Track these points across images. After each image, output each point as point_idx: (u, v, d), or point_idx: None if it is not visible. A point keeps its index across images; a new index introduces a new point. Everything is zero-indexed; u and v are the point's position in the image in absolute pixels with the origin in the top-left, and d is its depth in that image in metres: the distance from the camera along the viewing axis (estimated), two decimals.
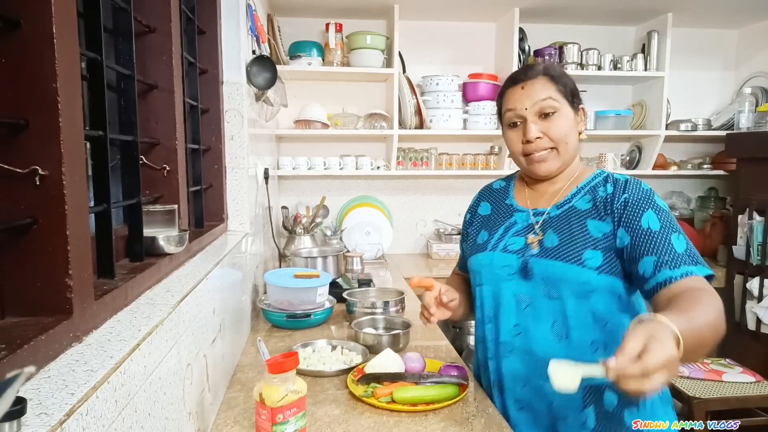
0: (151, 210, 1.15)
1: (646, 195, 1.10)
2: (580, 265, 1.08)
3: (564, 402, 1.10)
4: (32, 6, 0.64)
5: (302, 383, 1.01)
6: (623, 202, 1.09)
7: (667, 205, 1.10)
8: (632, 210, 1.08)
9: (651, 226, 1.06)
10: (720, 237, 3.02)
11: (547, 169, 1.17)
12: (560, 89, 1.15)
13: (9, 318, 0.67)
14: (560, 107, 1.14)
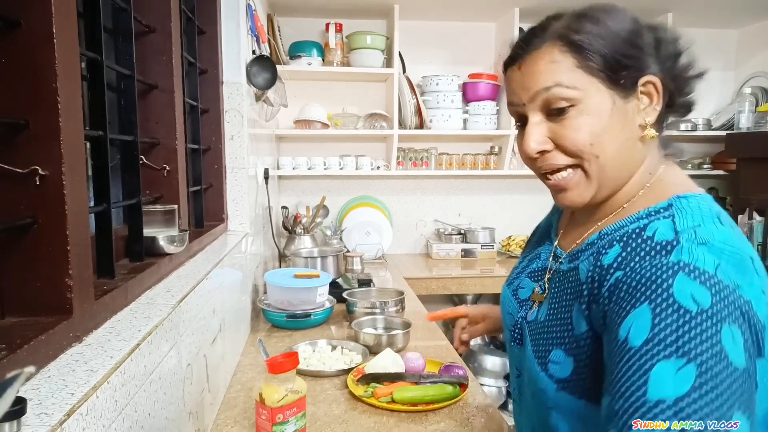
0: (151, 210, 1.15)
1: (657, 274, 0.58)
2: (542, 367, 0.72)
3: None
4: (32, 6, 0.64)
5: (302, 383, 1.01)
6: (612, 285, 0.63)
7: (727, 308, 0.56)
8: (620, 303, 0.61)
9: (630, 335, 0.57)
10: None
11: (570, 200, 0.73)
12: (584, 62, 0.67)
13: (9, 318, 0.67)
14: (582, 97, 0.68)
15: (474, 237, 3.05)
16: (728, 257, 0.59)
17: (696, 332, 0.53)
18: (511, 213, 3.31)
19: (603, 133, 0.68)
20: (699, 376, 0.52)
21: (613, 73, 0.68)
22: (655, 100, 0.70)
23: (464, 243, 3.06)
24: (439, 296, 3.02)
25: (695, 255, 0.58)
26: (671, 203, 0.68)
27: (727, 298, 0.55)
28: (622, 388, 0.55)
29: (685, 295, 0.55)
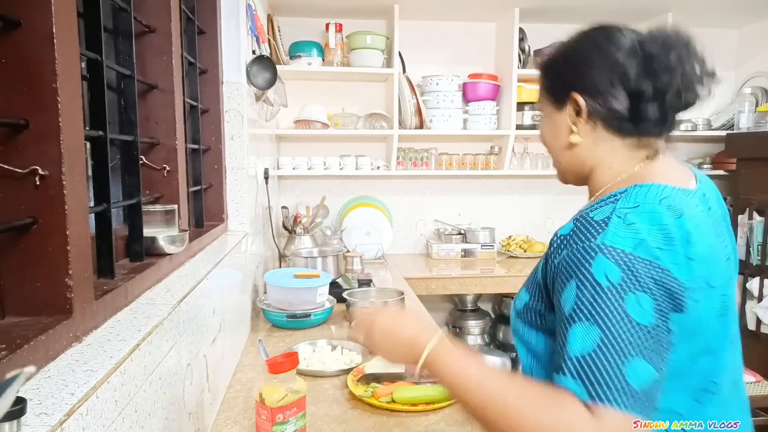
0: (151, 210, 1.15)
1: (578, 256, 0.72)
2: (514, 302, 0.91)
3: None
4: (32, 6, 0.64)
5: (302, 383, 1.01)
6: (560, 260, 0.75)
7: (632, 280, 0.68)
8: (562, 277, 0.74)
9: (563, 302, 0.72)
10: None
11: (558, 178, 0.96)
12: (544, 85, 0.89)
13: (9, 318, 0.67)
14: (543, 108, 0.90)
15: (474, 237, 3.05)
16: (654, 234, 0.70)
17: (604, 302, 0.67)
18: (511, 213, 3.31)
19: (549, 136, 0.90)
20: (602, 335, 0.66)
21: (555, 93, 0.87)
22: (579, 116, 0.84)
23: (464, 243, 3.06)
24: (439, 296, 3.02)
25: (616, 237, 0.70)
26: (626, 190, 0.78)
27: (638, 271, 0.68)
28: (557, 346, 0.71)
29: (600, 273, 0.69)
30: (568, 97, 0.84)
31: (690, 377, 0.75)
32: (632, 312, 0.67)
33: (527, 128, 2.97)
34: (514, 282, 2.69)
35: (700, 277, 0.72)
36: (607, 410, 0.63)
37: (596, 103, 0.81)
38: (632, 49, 0.82)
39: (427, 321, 0.90)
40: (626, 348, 0.66)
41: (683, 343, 0.72)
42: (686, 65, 0.84)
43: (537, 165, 3.13)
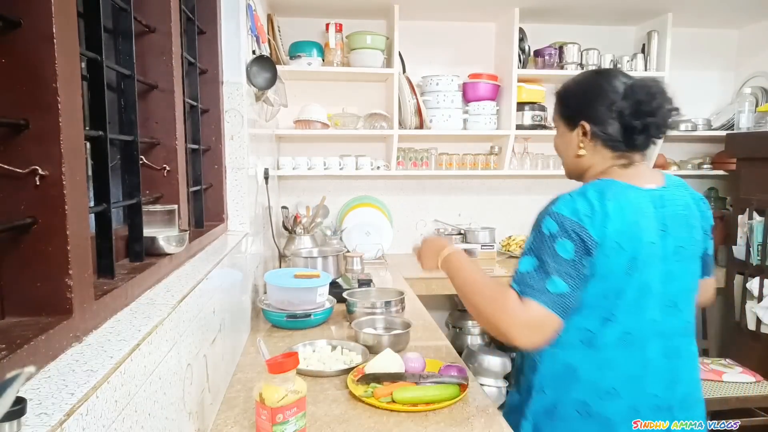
0: (151, 210, 1.15)
1: (539, 218, 1.12)
2: None
3: None
4: (32, 6, 0.64)
5: (302, 383, 1.01)
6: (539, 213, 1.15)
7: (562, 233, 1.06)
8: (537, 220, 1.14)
9: (526, 244, 1.15)
10: (720, 237, 3.01)
11: None
12: (559, 110, 1.26)
13: (9, 318, 0.67)
14: (558, 127, 1.27)
15: (474, 237, 3.05)
16: (583, 205, 1.08)
17: (543, 243, 1.08)
18: (511, 213, 3.31)
19: (559, 148, 1.28)
20: (538, 263, 1.07)
21: (563, 115, 1.24)
22: (583, 137, 1.19)
23: (464, 243, 3.06)
24: (439, 296, 3.02)
25: (560, 206, 1.09)
26: (597, 181, 1.14)
27: (567, 226, 1.06)
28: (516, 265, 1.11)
29: (546, 227, 1.09)
30: (578, 123, 1.19)
31: (599, 307, 1.11)
32: (559, 250, 1.06)
33: (527, 128, 2.97)
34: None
35: (612, 239, 1.06)
36: (530, 301, 1.05)
37: (598, 130, 1.17)
38: (626, 93, 1.14)
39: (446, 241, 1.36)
40: (550, 270, 1.05)
41: (595, 281, 1.09)
42: (663, 109, 1.16)
43: (537, 165, 3.13)
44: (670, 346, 1.13)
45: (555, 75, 2.98)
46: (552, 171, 3.11)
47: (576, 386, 1.12)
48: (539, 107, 3.00)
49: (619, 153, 1.16)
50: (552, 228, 1.07)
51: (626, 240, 1.07)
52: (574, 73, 2.91)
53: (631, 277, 1.09)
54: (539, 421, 1.15)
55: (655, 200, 1.13)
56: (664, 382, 1.12)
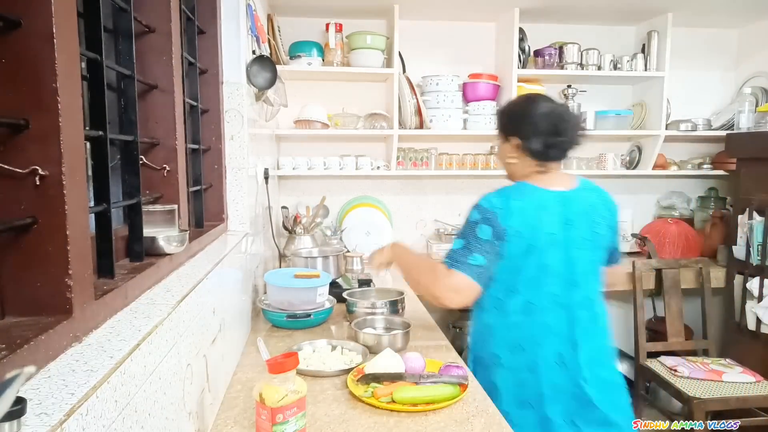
0: (151, 210, 1.15)
1: (469, 210, 1.47)
2: None
3: None
4: (32, 6, 0.64)
5: (302, 383, 1.01)
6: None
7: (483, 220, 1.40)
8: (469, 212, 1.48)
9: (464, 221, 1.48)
10: (720, 237, 3.02)
11: None
12: (498, 126, 1.58)
13: (9, 318, 0.67)
14: (498, 138, 1.58)
15: None
16: (499, 202, 1.41)
17: (468, 229, 1.41)
18: None
19: (500, 154, 1.58)
20: (464, 242, 1.40)
21: (502, 129, 1.54)
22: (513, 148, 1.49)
23: None
24: None
25: (484, 200, 1.43)
26: (516, 184, 1.48)
27: (487, 215, 1.39)
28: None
29: (471, 216, 1.42)
30: (509, 138, 1.51)
31: (505, 281, 1.43)
32: (479, 233, 1.40)
33: None
34: None
35: (513, 229, 1.38)
36: (456, 272, 1.39)
37: (524, 144, 1.46)
38: (546, 117, 1.44)
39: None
40: (473, 249, 1.39)
41: (502, 261, 1.41)
42: (575, 131, 1.47)
43: None
44: (570, 316, 1.42)
45: (555, 75, 2.98)
46: None
47: (491, 342, 1.46)
48: None
49: (538, 162, 1.46)
50: (475, 216, 1.42)
51: (526, 230, 1.39)
52: (575, 73, 2.94)
53: (529, 258, 1.40)
54: (473, 369, 1.47)
55: (562, 200, 1.44)
56: (568, 343, 1.40)
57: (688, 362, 2.47)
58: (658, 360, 2.54)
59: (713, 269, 2.81)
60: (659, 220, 3.23)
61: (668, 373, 2.43)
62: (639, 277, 2.69)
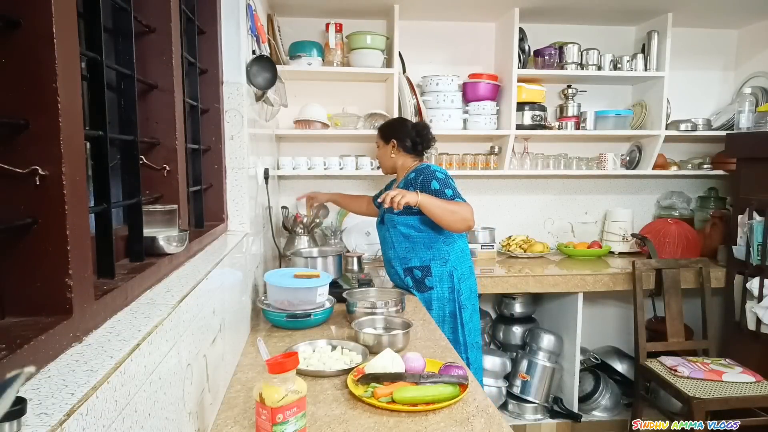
0: (151, 210, 1.15)
1: (431, 174, 2.08)
2: (392, 213, 2.15)
3: (394, 276, 2.27)
4: (32, 6, 0.64)
5: (302, 383, 1.01)
6: (420, 182, 2.08)
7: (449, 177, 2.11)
8: (425, 185, 2.06)
9: (434, 187, 2.05)
10: (720, 237, 3.02)
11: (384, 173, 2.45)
12: (379, 135, 2.31)
13: (9, 318, 0.67)
14: (378, 143, 2.32)
15: (474, 237, 3.05)
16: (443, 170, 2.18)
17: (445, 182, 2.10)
18: (510, 213, 3.32)
19: (380, 157, 2.35)
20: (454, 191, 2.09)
21: (383, 137, 2.30)
22: (396, 147, 2.25)
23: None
24: None
25: (436, 167, 2.17)
26: (423, 164, 2.22)
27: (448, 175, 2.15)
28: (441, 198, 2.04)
29: (440, 175, 2.11)
30: (390, 140, 2.24)
31: None
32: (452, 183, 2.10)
33: (527, 128, 2.98)
34: (515, 282, 2.70)
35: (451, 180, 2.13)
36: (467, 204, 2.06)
37: (400, 143, 2.23)
38: (413, 128, 2.25)
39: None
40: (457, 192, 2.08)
41: None
42: (429, 136, 2.27)
43: (537, 165, 3.13)
44: None
45: (555, 75, 2.98)
46: (552, 171, 3.11)
47: (466, 259, 2.21)
48: (539, 107, 3.00)
49: (412, 155, 2.24)
50: (442, 176, 2.09)
51: None
52: (575, 73, 2.94)
53: None
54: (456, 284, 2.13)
55: None
56: None
57: (688, 362, 2.47)
58: (658, 360, 2.54)
59: (713, 269, 2.81)
60: (659, 220, 3.23)
61: (668, 373, 2.43)
62: (639, 277, 2.69)
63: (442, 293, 2.13)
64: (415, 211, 2.07)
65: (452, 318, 2.13)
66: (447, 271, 2.13)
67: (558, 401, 2.91)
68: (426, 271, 2.14)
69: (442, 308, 2.13)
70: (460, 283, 2.13)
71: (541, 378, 2.87)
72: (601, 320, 3.33)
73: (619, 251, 3.20)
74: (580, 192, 3.38)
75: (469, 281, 2.19)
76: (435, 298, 2.13)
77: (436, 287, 2.13)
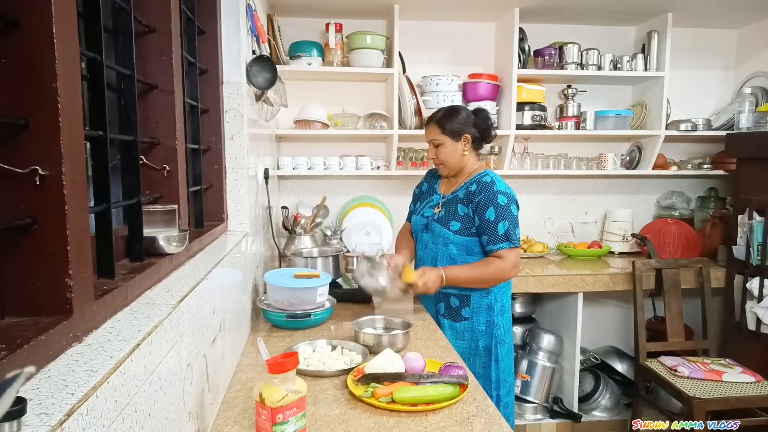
0: (151, 210, 1.15)
1: (493, 196, 1.85)
2: (446, 228, 1.95)
3: (426, 299, 2.04)
4: (32, 6, 0.64)
5: (302, 383, 1.01)
6: (478, 201, 1.87)
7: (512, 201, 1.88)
8: (483, 207, 1.86)
9: (489, 217, 1.85)
10: (720, 237, 3.02)
11: (443, 173, 2.04)
12: (442, 130, 1.95)
13: (9, 318, 0.67)
14: (442, 141, 1.95)
15: None
16: (506, 185, 1.91)
17: (505, 210, 1.85)
18: None
19: (448, 156, 1.96)
20: (510, 224, 1.85)
21: (452, 133, 1.93)
22: (468, 143, 1.95)
23: None
24: None
25: (501, 185, 1.89)
26: (485, 172, 1.94)
27: (512, 198, 1.90)
28: (491, 233, 1.85)
29: (502, 200, 1.85)
30: (462, 136, 1.95)
31: None
32: (513, 211, 1.87)
33: (527, 128, 2.98)
34: (515, 282, 2.69)
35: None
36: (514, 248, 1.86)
37: (473, 138, 1.96)
38: (475, 118, 1.97)
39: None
40: (513, 224, 1.85)
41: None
42: (492, 126, 2.03)
43: (537, 165, 3.13)
44: None
45: (555, 75, 2.98)
46: (552, 171, 3.11)
47: (509, 289, 2.01)
48: (539, 107, 3.00)
49: (476, 153, 2.02)
50: (504, 200, 1.86)
51: None
52: (575, 73, 2.94)
53: None
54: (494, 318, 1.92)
55: None
56: None
57: (688, 362, 2.47)
58: (658, 360, 2.54)
59: (713, 269, 2.81)
60: (659, 220, 3.23)
61: (668, 373, 2.43)
62: (639, 277, 2.69)
63: (478, 326, 1.92)
64: (473, 232, 1.89)
65: (486, 353, 1.91)
66: (487, 303, 1.91)
67: (558, 401, 2.91)
68: (465, 301, 1.92)
69: (475, 341, 1.92)
70: (500, 316, 1.93)
71: (541, 378, 2.87)
72: (601, 320, 3.32)
73: (619, 251, 3.20)
74: (580, 192, 3.38)
75: (509, 313, 1.99)
76: (468, 329, 1.92)
77: (473, 319, 1.92)
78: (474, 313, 1.92)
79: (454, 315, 1.94)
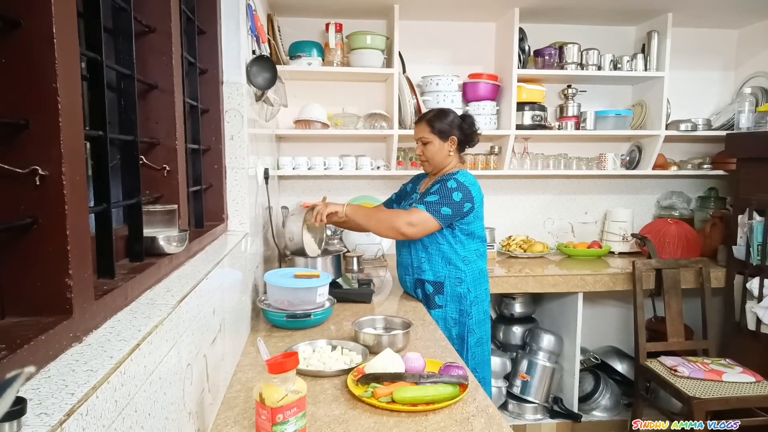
0: (151, 210, 1.15)
1: (446, 179, 1.99)
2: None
3: (406, 285, 2.19)
4: (32, 6, 0.64)
5: (302, 383, 1.01)
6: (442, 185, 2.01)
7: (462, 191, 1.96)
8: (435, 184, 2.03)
9: (431, 190, 2.01)
10: (720, 237, 3.02)
11: (427, 170, 2.18)
12: (432, 130, 2.06)
13: (9, 318, 0.67)
14: (432, 140, 2.06)
15: None
16: (469, 179, 2.02)
17: (447, 191, 1.97)
18: (511, 213, 3.32)
19: (434, 154, 2.08)
20: (441, 201, 1.96)
21: (440, 133, 2.06)
22: (454, 144, 2.07)
23: None
24: None
25: (463, 177, 2.01)
26: (460, 171, 2.06)
27: (465, 189, 1.98)
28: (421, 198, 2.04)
29: (451, 184, 1.98)
30: (450, 137, 2.06)
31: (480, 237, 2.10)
32: (454, 197, 1.95)
33: (527, 128, 2.98)
34: (514, 282, 2.70)
35: (478, 200, 2.01)
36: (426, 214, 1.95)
37: (458, 140, 2.07)
38: (461, 122, 2.08)
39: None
40: (443, 203, 1.94)
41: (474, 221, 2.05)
42: (477, 132, 2.12)
43: (537, 165, 3.13)
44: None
45: (555, 75, 2.98)
46: (552, 171, 3.11)
47: (484, 281, 2.09)
48: (539, 107, 3.00)
49: (459, 154, 2.12)
50: (452, 185, 1.97)
51: (479, 203, 2.05)
52: (575, 73, 2.94)
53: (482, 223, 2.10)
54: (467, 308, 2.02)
55: None
56: None
57: (688, 362, 2.47)
58: (658, 360, 2.54)
59: (713, 269, 2.81)
60: (659, 220, 3.23)
61: (668, 373, 2.43)
62: (639, 277, 2.69)
63: (451, 314, 2.02)
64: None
65: (459, 340, 2.02)
66: (459, 292, 2.02)
67: (558, 401, 2.91)
68: (438, 288, 2.03)
69: (449, 329, 2.02)
70: (472, 306, 2.02)
71: (541, 378, 2.87)
72: (601, 320, 3.33)
73: (619, 251, 3.20)
74: (580, 192, 3.38)
75: (483, 305, 2.07)
76: (442, 317, 2.02)
77: (446, 306, 2.03)
78: (447, 301, 2.03)
79: (429, 302, 2.06)
